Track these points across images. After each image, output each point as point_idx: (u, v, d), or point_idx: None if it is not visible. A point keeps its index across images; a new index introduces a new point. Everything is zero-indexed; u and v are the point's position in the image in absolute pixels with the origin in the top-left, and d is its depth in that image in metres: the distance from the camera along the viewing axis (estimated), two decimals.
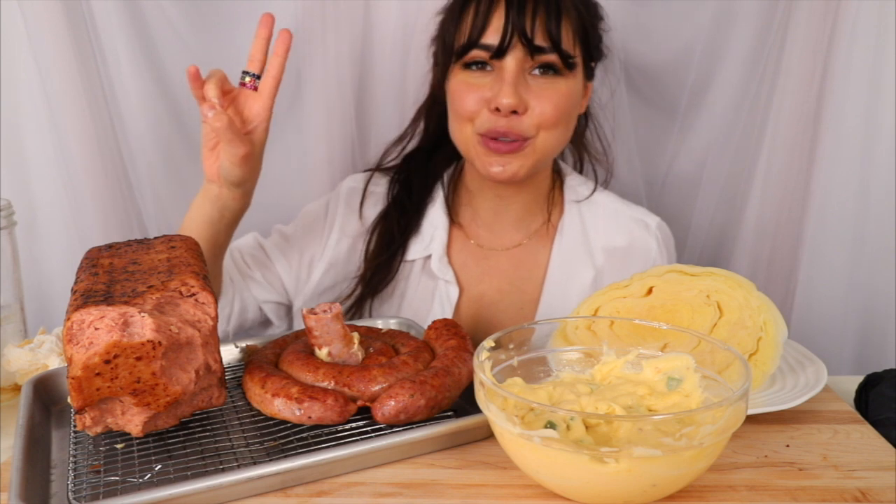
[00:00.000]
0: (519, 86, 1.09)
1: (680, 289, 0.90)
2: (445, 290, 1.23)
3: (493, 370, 0.77)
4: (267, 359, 0.87)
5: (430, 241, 1.24)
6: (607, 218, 1.25)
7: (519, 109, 1.09)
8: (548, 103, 1.10)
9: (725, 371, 0.75)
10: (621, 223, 1.25)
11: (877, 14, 1.31)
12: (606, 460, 0.64)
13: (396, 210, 1.26)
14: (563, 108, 1.12)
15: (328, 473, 0.73)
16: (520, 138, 1.11)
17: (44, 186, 1.42)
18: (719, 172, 1.52)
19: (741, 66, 1.46)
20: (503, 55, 1.09)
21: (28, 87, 1.36)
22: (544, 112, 1.10)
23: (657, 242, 1.24)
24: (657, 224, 1.25)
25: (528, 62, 1.10)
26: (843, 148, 1.38)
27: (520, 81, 1.10)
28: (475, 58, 1.11)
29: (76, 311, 0.69)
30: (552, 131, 1.12)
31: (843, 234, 1.41)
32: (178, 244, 0.87)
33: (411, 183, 1.27)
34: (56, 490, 0.73)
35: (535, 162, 1.14)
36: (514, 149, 1.12)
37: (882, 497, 0.71)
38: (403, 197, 1.26)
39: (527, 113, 1.10)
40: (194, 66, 1.04)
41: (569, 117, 1.15)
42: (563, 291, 1.22)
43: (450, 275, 1.23)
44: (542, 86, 1.11)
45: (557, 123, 1.12)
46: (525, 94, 1.10)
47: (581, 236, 1.24)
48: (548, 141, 1.13)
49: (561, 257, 1.23)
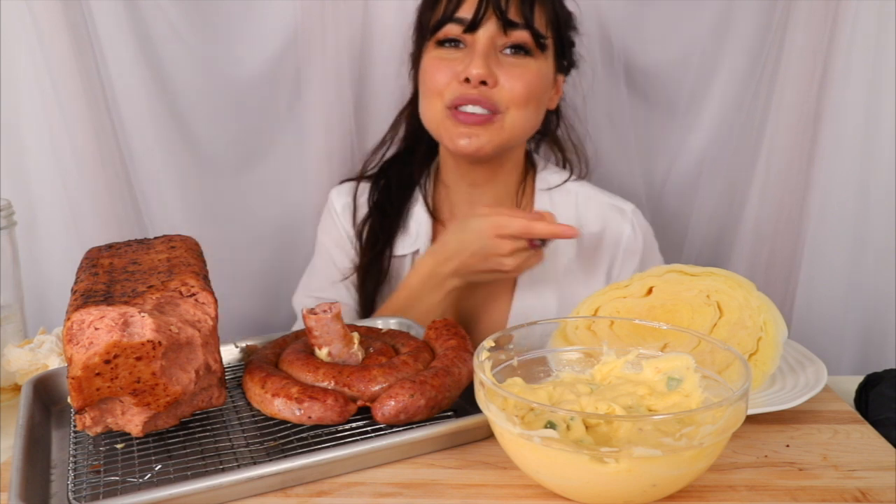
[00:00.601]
0: (490, 58, 1.12)
1: (680, 289, 0.90)
2: None
3: (493, 370, 0.77)
4: (267, 359, 0.87)
5: (417, 236, 1.27)
6: (580, 205, 1.26)
7: (489, 81, 1.11)
8: (518, 81, 1.12)
9: (725, 371, 0.75)
10: (594, 209, 1.26)
11: (876, 14, 1.31)
12: (606, 460, 0.64)
13: (378, 214, 1.28)
14: (534, 87, 1.14)
15: (328, 473, 0.73)
16: (491, 108, 1.12)
17: (44, 186, 1.42)
18: (719, 172, 1.52)
19: (741, 66, 1.46)
20: (476, 28, 1.11)
21: (28, 88, 1.36)
22: (514, 88, 1.12)
23: (632, 227, 1.25)
24: (632, 210, 1.26)
25: (500, 38, 1.12)
26: (843, 148, 1.38)
27: (491, 55, 1.12)
28: (448, 34, 1.14)
29: (76, 311, 0.69)
30: (521, 110, 1.14)
31: (843, 233, 1.41)
32: (178, 244, 0.87)
33: (391, 188, 1.29)
34: (56, 490, 0.73)
35: (503, 140, 1.15)
36: (483, 121, 1.12)
37: (882, 497, 0.71)
38: (384, 201, 1.29)
39: (497, 87, 1.12)
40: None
41: (539, 99, 1.16)
42: (538, 281, 1.24)
43: None
44: (513, 64, 1.13)
45: (528, 102, 1.14)
46: (496, 69, 1.12)
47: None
48: (517, 119, 1.14)
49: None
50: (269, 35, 1.46)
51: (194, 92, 1.47)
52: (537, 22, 1.13)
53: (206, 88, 1.47)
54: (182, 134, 1.48)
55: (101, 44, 1.38)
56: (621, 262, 1.26)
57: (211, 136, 1.49)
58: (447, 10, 1.13)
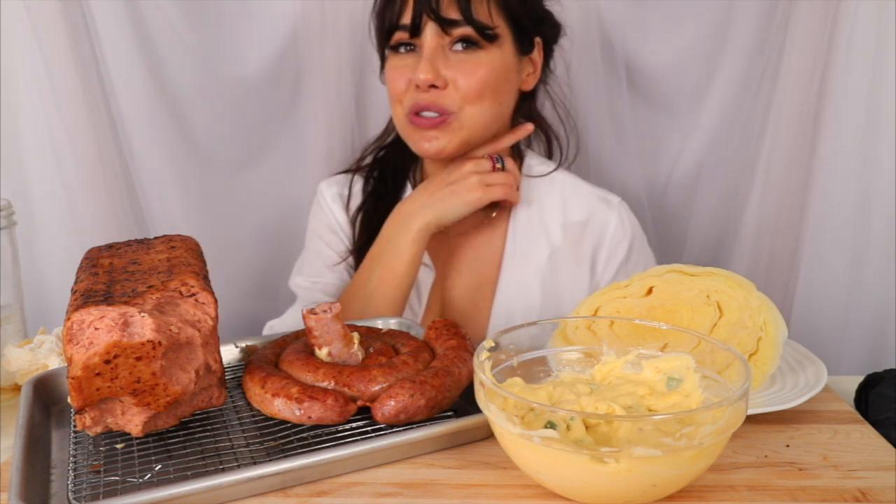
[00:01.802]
0: (436, 61, 1.11)
1: (680, 289, 0.90)
2: (422, 273, 1.25)
3: (493, 370, 0.77)
4: (267, 359, 0.87)
5: None
6: (565, 195, 1.26)
7: (438, 84, 1.11)
8: (469, 77, 1.11)
9: (725, 371, 0.75)
10: (580, 199, 1.25)
11: (876, 14, 1.31)
12: (606, 460, 0.64)
13: (373, 200, 1.28)
14: (487, 80, 1.12)
15: (328, 473, 0.73)
16: (442, 111, 1.12)
17: (43, 186, 1.42)
18: (719, 172, 1.52)
19: (741, 66, 1.46)
20: (419, 33, 1.11)
21: (27, 88, 1.37)
22: (466, 85, 1.11)
23: (618, 218, 1.24)
24: (619, 201, 1.26)
25: (444, 37, 1.11)
26: (843, 148, 1.38)
27: (437, 57, 1.11)
28: (399, 40, 1.14)
29: (76, 311, 0.69)
30: (477, 105, 1.13)
31: (843, 233, 1.41)
32: (178, 244, 0.87)
33: (385, 178, 1.30)
34: (56, 490, 0.73)
35: (465, 138, 1.14)
36: (437, 123, 1.12)
37: (882, 497, 0.71)
38: (379, 188, 1.29)
39: (448, 88, 1.11)
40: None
41: (495, 91, 1.14)
42: (520, 272, 1.23)
43: (426, 258, 1.25)
44: (462, 60, 1.12)
45: (482, 97, 1.13)
46: (445, 70, 1.11)
47: (537, 215, 1.25)
48: (474, 115, 1.13)
49: (516, 238, 1.24)
50: (269, 35, 1.46)
51: (194, 91, 1.47)
52: (479, 13, 1.10)
53: (206, 88, 1.47)
54: (182, 133, 1.48)
55: (100, 44, 1.38)
56: (607, 253, 1.24)
57: (211, 135, 1.50)
58: (392, 17, 1.13)
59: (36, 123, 1.39)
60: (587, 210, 1.25)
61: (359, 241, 1.28)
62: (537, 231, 1.24)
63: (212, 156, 1.51)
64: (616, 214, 1.24)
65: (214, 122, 1.49)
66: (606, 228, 1.24)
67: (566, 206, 1.25)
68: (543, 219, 1.24)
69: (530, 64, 1.21)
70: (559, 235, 1.24)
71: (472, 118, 1.13)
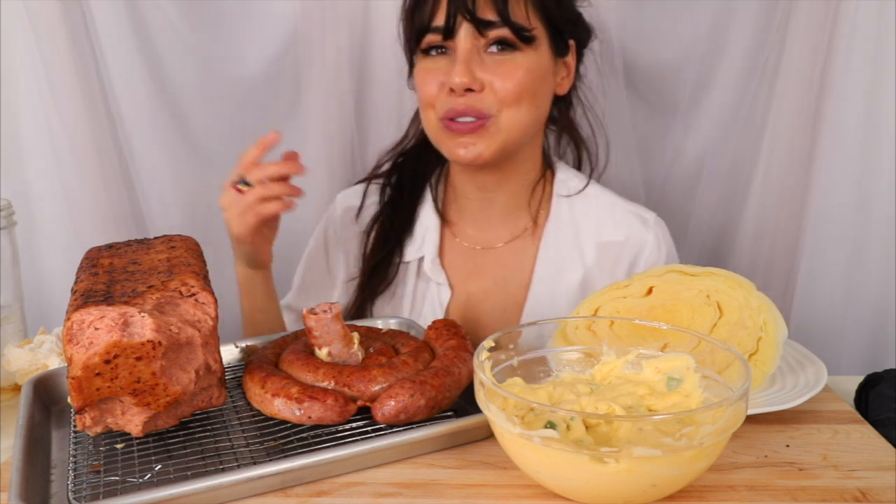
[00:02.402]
0: (472, 63, 1.07)
1: (680, 289, 0.90)
2: (437, 291, 1.21)
3: (493, 370, 0.77)
4: (267, 359, 0.87)
5: (423, 242, 1.23)
6: (601, 211, 1.21)
7: (474, 87, 1.07)
8: (507, 79, 1.07)
9: (725, 371, 0.75)
10: (617, 217, 1.21)
11: (876, 14, 1.31)
12: (606, 460, 0.64)
13: (390, 210, 1.25)
14: (524, 83, 1.08)
15: (328, 473, 0.73)
16: (480, 116, 1.08)
17: (43, 186, 1.42)
18: (719, 172, 1.52)
19: (741, 66, 1.46)
20: (453, 35, 1.07)
21: (26, 88, 1.37)
22: (503, 88, 1.07)
23: (655, 238, 1.20)
24: (654, 219, 1.21)
25: (479, 39, 1.08)
26: (843, 147, 1.38)
27: (473, 59, 1.07)
28: (430, 42, 1.10)
29: (76, 311, 0.69)
30: (515, 108, 1.09)
31: (843, 233, 1.41)
32: (178, 244, 0.87)
33: (403, 184, 1.26)
34: (56, 490, 0.73)
35: (502, 143, 1.10)
36: (475, 128, 1.09)
37: (882, 497, 0.71)
38: (395, 197, 1.25)
39: (485, 91, 1.08)
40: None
41: (533, 94, 1.10)
42: (550, 293, 1.19)
43: (442, 277, 1.21)
44: (498, 62, 1.08)
45: (520, 99, 1.09)
46: (481, 73, 1.07)
47: (571, 233, 1.20)
48: (513, 119, 1.09)
49: (547, 257, 1.20)
50: (269, 35, 1.46)
51: (194, 91, 1.47)
52: (516, 13, 1.07)
53: (206, 88, 1.47)
54: (182, 134, 1.48)
55: (100, 44, 1.38)
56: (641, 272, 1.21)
57: (211, 136, 1.49)
58: (424, 19, 1.09)
59: (36, 123, 1.39)
60: (625, 230, 1.20)
61: (372, 256, 1.23)
62: (571, 251, 1.20)
63: (212, 156, 1.50)
64: (653, 234, 1.20)
65: (214, 122, 1.49)
66: (643, 249, 1.19)
67: (601, 223, 1.20)
68: (578, 237, 1.20)
69: (564, 67, 1.17)
70: (593, 255, 1.19)
71: (510, 122, 1.09)
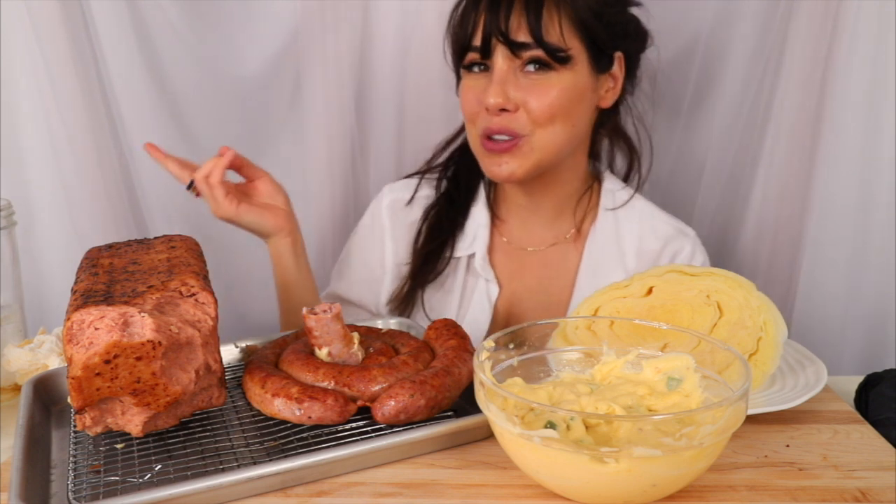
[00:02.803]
0: (508, 83, 1.09)
1: (680, 289, 0.90)
2: (486, 288, 1.24)
3: (493, 370, 0.77)
4: (267, 359, 0.87)
5: (474, 239, 1.25)
6: (643, 222, 1.24)
7: (509, 107, 1.09)
8: (540, 99, 1.09)
9: (725, 371, 0.75)
10: (657, 228, 1.23)
11: (877, 14, 1.31)
12: (606, 460, 0.64)
13: (445, 202, 1.27)
14: (558, 103, 1.10)
15: (328, 473, 0.73)
16: (514, 135, 1.10)
17: (43, 186, 1.42)
18: (721, 172, 1.52)
19: (743, 65, 1.46)
20: (490, 55, 1.10)
21: (27, 88, 1.36)
22: (536, 108, 1.09)
23: (691, 248, 1.22)
24: (694, 235, 1.24)
25: (515, 60, 1.09)
26: (845, 147, 1.38)
27: (509, 79, 1.09)
28: (471, 60, 1.12)
29: (76, 311, 0.69)
30: (549, 128, 1.11)
31: (845, 233, 1.41)
32: (178, 244, 0.87)
33: (459, 179, 1.28)
34: (56, 490, 0.73)
35: (536, 162, 1.13)
36: (508, 148, 1.11)
37: (882, 497, 0.71)
38: (451, 190, 1.28)
39: (519, 111, 1.10)
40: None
41: (567, 113, 1.12)
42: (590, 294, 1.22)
43: (491, 274, 1.24)
44: (533, 81, 1.10)
45: (553, 119, 1.10)
46: (516, 92, 1.09)
47: (614, 241, 1.23)
48: (546, 138, 1.11)
49: (592, 260, 1.22)
50: (269, 35, 1.46)
51: (194, 92, 1.47)
52: (551, 34, 1.08)
53: (206, 88, 1.47)
54: (182, 134, 1.48)
55: (100, 44, 1.38)
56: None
57: (211, 136, 1.49)
58: (463, 38, 1.12)
59: (36, 123, 1.38)
60: (663, 239, 1.22)
61: (425, 246, 1.25)
62: (614, 256, 1.22)
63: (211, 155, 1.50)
64: (690, 245, 1.22)
65: (214, 122, 1.49)
66: (679, 256, 1.22)
67: (643, 234, 1.23)
68: (620, 244, 1.22)
69: (610, 80, 1.18)
70: (633, 262, 1.22)
71: (543, 141, 1.11)
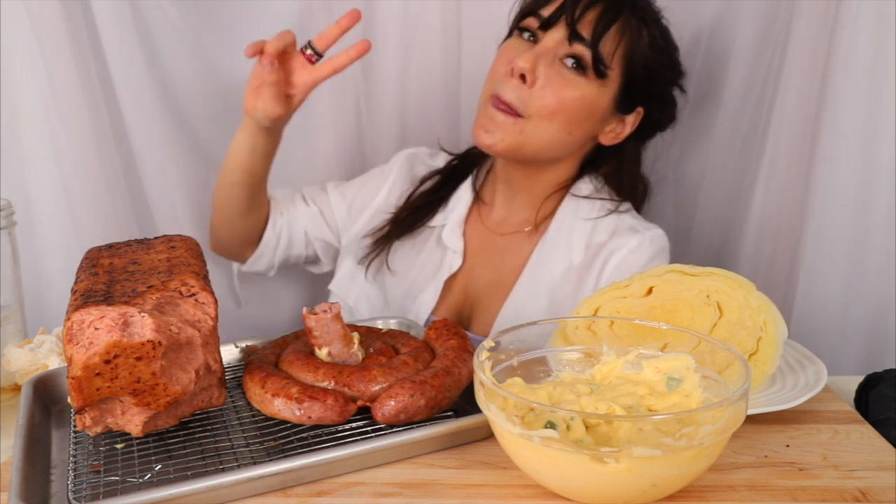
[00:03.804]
0: (543, 59, 1.12)
1: (680, 289, 0.90)
2: (449, 259, 1.27)
3: (493, 370, 0.77)
4: (267, 359, 0.87)
5: (451, 211, 1.29)
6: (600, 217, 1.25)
7: (528, 78, 1.11)
8: (557, 92, 1.12)
9: (725, 371, 0.75)
10: (609, 222, 1.24)
11: (877, 15, 1.30)
12: (606, 460, 0.64)
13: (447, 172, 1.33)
14: (568, 104, 1.12)
15: (328, 473, 0.73)
16: (514, 112, 1.13)
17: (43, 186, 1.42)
18: (722, 173, 1.52)
19: (743, 66, 1.46)
20: (548, 27, 1.13)
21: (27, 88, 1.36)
22: (549, 96, 1.12)
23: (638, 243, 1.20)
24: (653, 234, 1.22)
25: (564, 46, 1.12)
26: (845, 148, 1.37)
27: (545, 57, 1.12)
28: (528, 25, 1.16)
29: (76, 311, 0.69)
30: (545, 121, 1.13)
31: (845, 233, 1.41)
32: (178, 244, 0.87)
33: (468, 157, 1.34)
34: (56, 490, 0.73)
35: (518, 145, 1.15)
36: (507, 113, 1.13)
37: (882, 497, 0.71)
38: (456, 163, 1.34)
39: (534, 88, 1.12)
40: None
41: (569, 119, 1.14)
42: (535, 282, 1.24)
43: (458, 246, 1.27)
44: (563, 76, 1.12)
45: (554, 116, 1.13)
46: (542, 71, 1.12)
47: (567, 231, 1.24)
48: (538, 130, 1.14)
49: (542, 248, 1.25)
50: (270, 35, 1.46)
51: (196, 92, 1.47)
52: (605, 46, 1.11)
53: (208, 88, 1.47)
54: (183, 134, 1.48)
55: (101, 44, 1.38)
56: (610, 272, 1.20)
57: (212, 136, 1.49)
58: (535, 4, 1.15)
59: (36, 123, 1.38)
60: (611, 232, 1.23)
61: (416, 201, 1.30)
62: (562, 247, 1.24)
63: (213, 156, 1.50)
64: (637, 240, 1.20)
65: (215, 122, 1.48)
66: (618, 250, 1.21)
67: (596, 228, 1.24)
68: (571, 236, 1.24)
69: (619, 124, 1.21)
70: (580, 254, 1.23)
71: (534, 131, 1.14)
